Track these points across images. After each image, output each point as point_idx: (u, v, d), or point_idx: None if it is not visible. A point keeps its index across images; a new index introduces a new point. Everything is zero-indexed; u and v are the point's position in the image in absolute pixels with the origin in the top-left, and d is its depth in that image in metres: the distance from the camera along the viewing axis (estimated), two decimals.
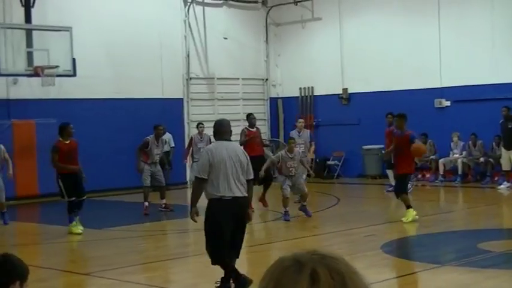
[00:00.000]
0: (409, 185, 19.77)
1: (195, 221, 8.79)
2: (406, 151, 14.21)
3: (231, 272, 8.87)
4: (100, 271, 10.16)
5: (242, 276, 8.87)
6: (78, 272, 10.72)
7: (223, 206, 8.57)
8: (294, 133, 17.92)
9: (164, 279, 10.36)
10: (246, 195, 8.79)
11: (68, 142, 14.05)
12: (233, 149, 8.89)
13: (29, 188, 19.85)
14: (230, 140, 9.07)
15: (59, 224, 16.34)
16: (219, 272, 11.09)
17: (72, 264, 11.38)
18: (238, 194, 8.63)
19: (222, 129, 9.01)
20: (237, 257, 8.96)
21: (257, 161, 16.68)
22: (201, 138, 19.16)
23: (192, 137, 19.59)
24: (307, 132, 18.22)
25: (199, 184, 8.67)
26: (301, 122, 18.45)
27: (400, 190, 14.68)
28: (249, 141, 17.10)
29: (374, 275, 9.79)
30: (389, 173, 19.72)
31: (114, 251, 12.69)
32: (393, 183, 19.08)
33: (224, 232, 8.60)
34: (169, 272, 10.86)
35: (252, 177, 8.97)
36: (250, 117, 18.14)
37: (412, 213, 14.34)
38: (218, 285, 9.00)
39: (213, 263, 8.87)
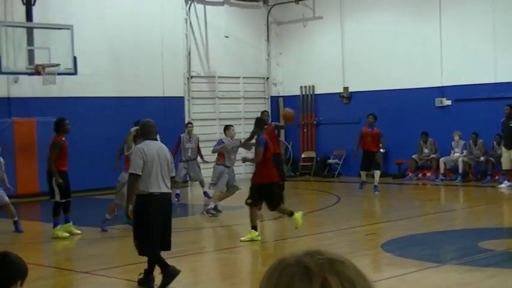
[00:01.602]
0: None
1: (131, 218, 9.29)
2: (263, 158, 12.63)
3: (158, 263, 9.20)
4: (100, 269, 10.15)
5: (170, 267, 9.17)
6: (77, 271, 10.73)
7: (153, 201, 9.05)
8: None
9: None
10: (171, 191, 9.38)
11: (64, 139, 13.92)
12: (160, 147, 9.41)
13: (29, 186, 19.83)
14: (156, 139, 9.56)
15: (60, 222, 16.34)
16: (220, 269, 11.10)
17: (71, 263, 11.38)
18: (165, 190, 9.18)
19: (148, 130, 9.49)
20: (169, 249, 9.35)
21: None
22: (190, 138, 19.00)
23: (180, 137, 19.31)
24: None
25: (135, 181, 9.13)
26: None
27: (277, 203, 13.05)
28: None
29: (375, 274, 9.79)
30: (363, 174, 19.94)
31: (113, 249, 12.70)
32: (375, 182, 19.64)
33: (153, 225, 9.02)
34: None
35: (174, 174, 9.60)
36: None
37: (254, 234, 12.71)
38: (141, 276, 9.26)
39: (140, 253, 9.25)
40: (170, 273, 9.14)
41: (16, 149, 19.82)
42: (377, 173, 19.84)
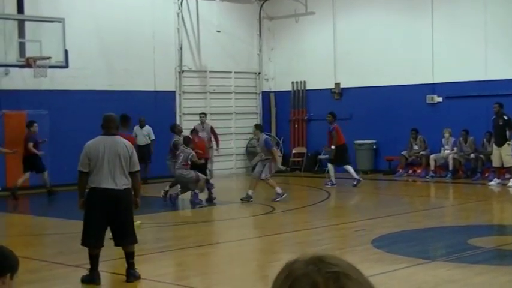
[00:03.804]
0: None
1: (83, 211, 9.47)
2: None
3: (90, 260, 9.37)
4: (89, 263, 10.11)
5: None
6: (67, 264, 10.70)
7: (95, 196, 9.22)
8: None
9: (154, 273, 10.34)
10: (124, 187, 9.25)
11: None
12: (112, 143, 9.34)
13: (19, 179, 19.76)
14: (115, 134, 9.53)
15: (49, 215, 16.32)
16: (209, 264, 11.10)
17: (61, 256, 11.34)
18: (110, 186, 9.16)
19: (106, 124, 9.59)
20: (130, 243, 9.42)
21: None
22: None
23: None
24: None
25: (81, 177, 9.37)
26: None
27: None
28: None
29: (364, 270, 9.78)
30: (331, 167, 20.79)
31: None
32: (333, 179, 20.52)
33: (93, 220, 9.23)
34: (159, 265, 10.85)
35: (136, 169, 9.43)
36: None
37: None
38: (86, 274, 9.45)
39: (81, 244, 9.53)
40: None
41: (6, 141, 19.75)
42: (330, 167, 20.83)
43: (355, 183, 20.23)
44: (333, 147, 20.53)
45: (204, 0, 24.94)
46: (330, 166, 20.88)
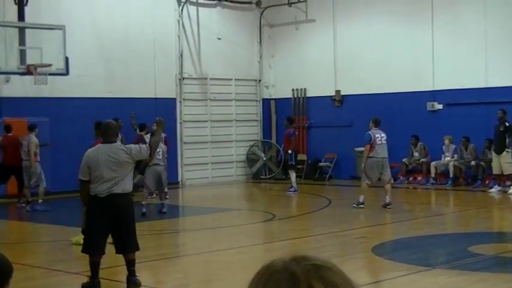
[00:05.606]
0: None
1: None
2: None
3: (91, 267, 9.38)
4: (89, 270, 10.11)
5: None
6: (67, 271, 10.70)
7: (98, 203, 9.22)
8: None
9: (154, 280, 10.35)
10: (125, 195, 9.30)
11: None
12: (111, 151, 9.34)
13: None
14: (113, 142, 9.53)
15: (49, 223, 16.32)
16: (210, 272, 11.09)
17: (61, 264, 11.34)
18: (113, 191, 9.19)
19: (105, 132, 9.62)
20: (132, 251, 9.43)
21: None
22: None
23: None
24: None
25: (82, 185, 9.42)
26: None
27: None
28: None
29: (364, 277, 9.79)
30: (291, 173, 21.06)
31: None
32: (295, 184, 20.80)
33: (94, 227, 9.25)
34: (159, 272, 10.84)
35: (143, 156, 9.52)
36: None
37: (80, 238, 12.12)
38: (86, 281, 9.45)
39: (82, 251, 9.57)
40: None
41: None
42: (290, 173, 21.05)
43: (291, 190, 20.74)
44: (289, 151, 20.87)
45: (204, 8, 24.98)
46: (290, 172, 21.15)
